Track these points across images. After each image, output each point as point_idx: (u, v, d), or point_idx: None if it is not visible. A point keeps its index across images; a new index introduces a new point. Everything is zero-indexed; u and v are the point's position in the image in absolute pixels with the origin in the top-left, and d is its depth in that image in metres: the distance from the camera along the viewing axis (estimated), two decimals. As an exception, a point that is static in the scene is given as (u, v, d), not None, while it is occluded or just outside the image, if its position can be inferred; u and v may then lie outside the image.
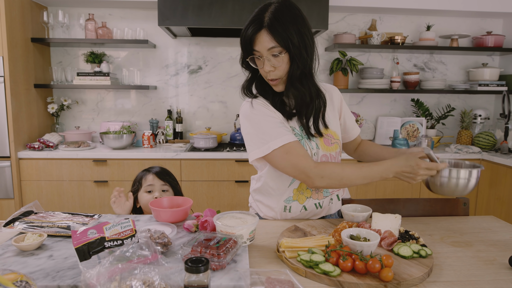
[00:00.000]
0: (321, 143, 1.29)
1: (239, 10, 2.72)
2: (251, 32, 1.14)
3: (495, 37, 3.20)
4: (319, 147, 1.28)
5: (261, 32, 1.13)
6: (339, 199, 1.39)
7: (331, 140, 1.30)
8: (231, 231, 1.02)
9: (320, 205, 1.33)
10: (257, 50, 1.16)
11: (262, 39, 1.13)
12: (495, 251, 1.08)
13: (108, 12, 3.17)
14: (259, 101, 1.26)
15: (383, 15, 3.33)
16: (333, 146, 1.31)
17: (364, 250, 0.93)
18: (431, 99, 3.49)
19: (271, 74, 1.19)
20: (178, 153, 2.78)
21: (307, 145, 1.25)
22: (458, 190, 1.17)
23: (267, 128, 1.19)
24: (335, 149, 1.32)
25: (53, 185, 2.76)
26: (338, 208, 1.40)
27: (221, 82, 3.33)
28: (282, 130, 1.19)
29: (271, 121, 1.20)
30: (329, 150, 1.30)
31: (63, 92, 3.25)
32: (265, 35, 1.13)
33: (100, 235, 0.89)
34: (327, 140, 1.30)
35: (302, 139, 1.25)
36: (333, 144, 1.31)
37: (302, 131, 1.26)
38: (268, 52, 1.15)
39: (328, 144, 1.30)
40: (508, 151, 2.91)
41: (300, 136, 1.26)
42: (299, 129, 1.27)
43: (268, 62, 1.16)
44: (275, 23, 1.12)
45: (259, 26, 1.13)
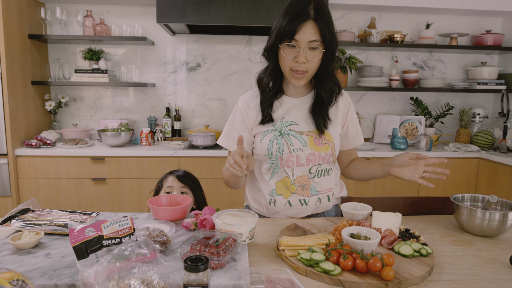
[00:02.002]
0: (310, 141, 1.30)
1: (238, 8, 2.70)
2: (297, 22, 1.14)
3: (494, 35, 3.19)
4: (308, 145, 1.29)
5: (307, 23, 1.15)
6: (329, 200, 1.37)
7: (322, 140, 1.30)
8: (230, 229, 1.01)
9: (306, 202, 1.33)
10: (297, 39, 1.16)
11: (307, 30, 1.15)
12: (495, 250, 1.07)
13: (106, 8, 3.15)
14: (245, 99, 1.36)
15: (382, 13, 3.32)
16: (323, 147, 1.30)
17: (365, 248, 0.93)
18: (430, 97, 3.48)
19: (302, 66, 1.19)
20: (177, 151, 2.77)
21: (284, 140, 1.29)
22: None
23: (228, 126, 1.38)
24: (325, 150, 1.31)
25: (50, 183, 2.75)
26: (328, 208, 1.38)
27: (220, 79, 3.32)
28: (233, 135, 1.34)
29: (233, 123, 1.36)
30: (318, 149, 1.30)
31: (60, 89, 3.23)
32: (310, 27, 1.15)
33: (98, 233, 0.88)
34: (317, 140, 1.30)
35: (280, 135, 1.30)
36: (323, 145, 1.30)
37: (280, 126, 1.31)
38: (308, 44, 1.16)
39: (317, 143, 1.30)
40: (507, 149, 2.91)
41: (278, 132, 1.30)
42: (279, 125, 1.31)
43: (303, 53, 1.17)
44: (321, 18, 1.16)
45: (306, 16, 1.15)
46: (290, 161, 1.29)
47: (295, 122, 1.31)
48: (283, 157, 1.29)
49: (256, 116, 1.32)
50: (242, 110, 1.34)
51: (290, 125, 1.30)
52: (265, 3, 2.70)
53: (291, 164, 1.30)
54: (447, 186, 2.98)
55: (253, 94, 1.35)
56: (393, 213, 1.12)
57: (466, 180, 3.00)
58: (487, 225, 1.14)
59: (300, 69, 1.20)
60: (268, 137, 1.30)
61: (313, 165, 1.31)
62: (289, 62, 1.20)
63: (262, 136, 1.31)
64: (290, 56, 1.19)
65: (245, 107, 1.34)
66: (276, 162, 1.31)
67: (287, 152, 1.29)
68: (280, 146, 1.29)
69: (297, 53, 1.17)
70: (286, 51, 1.20)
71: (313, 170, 1.31)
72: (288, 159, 1.29)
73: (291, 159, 1.29)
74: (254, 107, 1.32)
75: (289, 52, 1.19)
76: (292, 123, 1.31)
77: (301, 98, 1.34)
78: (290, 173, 1.31)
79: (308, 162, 1.30)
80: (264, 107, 1.30)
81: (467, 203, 1.29)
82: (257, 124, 1.32)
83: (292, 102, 1.33)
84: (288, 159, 1.29)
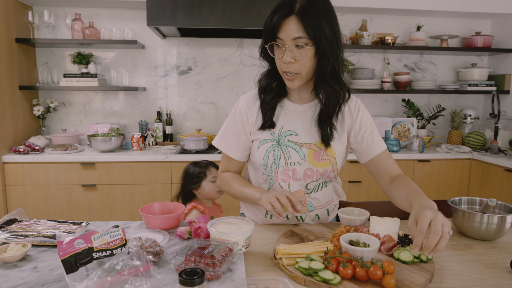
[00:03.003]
0: (309, 155, 1.20)
1: (230, 11, 2.68)
2: (278, 18, 1.04)
3: (484, 37, 3.22)
4: (306, 159, 1.20)
5: (289, 19, 1.04)
6: (328, 214, 1.32)
7: (322, 155, 1.20)
8: (226, 238, 0.98)
9: (302, 218, 1.27)
10: (281, 37, 1.05)
11: (289, 27, 1.04)
12: (495, 254, 1.06)
13: (96, 12, 3.10)
14: (246, 100, 1.26)
15: (373, 15, 3.33)
16: (324, 163, 1.20)
17: (365, 256, 0.90)
18: (421, 99, 3.49)
19: (289, 67, 1.08)
20: (168, 156, 2.73)
21: (282, 151, 1.20)
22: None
23: (226, 127, 1.29)
24: (325, 166, 1.20)
25: (39, 190, 2.68)
26: (327, 221, 1.33)
27: (212, 83, 3.29)
28: (230, 138, 1.27)
29: (232, 125, 1.27)
30: (316, 165, 1.20)
31: (49, 94, 3.16)
32: (293, 23, 1.04)
33: (88, 245, 0.84)
34: (317, 154, 1.20)
35: (277, 145, 1.21)
36: (323, 161, 1.20)
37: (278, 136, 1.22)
38: (292, 42, 1.05)
39: (317, 159, 1.20)
40: (498, 150, 2.93)
41: (276, 142, 1.21)
42: (277, 134, 1.22)
43: (289, 52, 1.06)
44: (308, 11, 1.03)
45: (289, 11, 1.03)
46: (285, 175, 1.21)
47: (295, 132, 1.20)
48: (279, 170, 1.21)
49: (256, 121, 1.23)
50: (242, 112, 1.24)
51: (289, 135, 1.20)
52: (256, 5, 2.68)
53: (286, 178, 1.22)
54: (440, 187, 2.98)
55: (255, 96, 1.25)
56: (391, 218, 1.10)
57: (459, 181, 3.01)
58: (485, 229, 1.13)
59: (288, 70, 1.09)
60: (264, 146, 1.21)
61: (310, 181, 1.23)
62: (280, 63, 1.10)
63: (259, 144, 1.22)
64: (278, 56, 1.09)
65: (246, 110, 1.24)
66: (271, 175, 1.23)
67: (284, 165, 1.20)
68: (276, 158, 1.20)
69: (284, 53, 1.07)
70: (274, 52, 1.10)
71: (310, 186, 1.24)
72: (284, 173, 1.21)
73: (287, 172, 1.21)
74: (256, 110, 1.23)
75: (276, 52, 1.10)
76: (292, 133, 1.20)
77: (304, 105, 1.22)
78: (286, 187, 1.23)
79: (305, 177, 1.22)
80: (266, 110, 1.20)
81: (464, 206, 1.28)
82: (256, 129, 1.23)
83: (294, 108, 1.22)
84: (284, 173, 1.21)
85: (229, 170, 1.34)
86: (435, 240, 0.82)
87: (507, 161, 2.64)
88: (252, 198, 1.17)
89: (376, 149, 1.22)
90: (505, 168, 2.65)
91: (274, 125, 1.21)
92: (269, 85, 1.21)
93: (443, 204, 1.40)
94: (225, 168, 1.34)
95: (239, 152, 1.28)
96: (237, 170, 1.34)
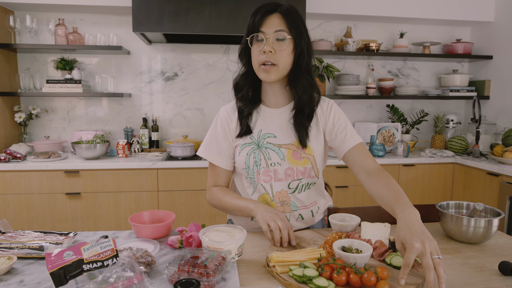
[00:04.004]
0: (289, 155, 1.25)
1: (216, 17, 2.68)
2: (262, 14, 1.16)
3: (464, 44, 3.31)
4: (286, 159, 1.25)
5: (273, 15, 1.17)
6: (313, 215, 1.34)
7: (301, 154, 1.25)
8: (218, 246, 0.97)
9: (287, 218, 1.29)
10: (263, 30, 1.16)
11: (272, 21, 1.16)
12: (483, 257, 1.08)
13: (80, 17, 3.05)
14: (226, 110, 1.33)
15: (358, 22, 3.38)
16: (302, 161, 1.25)
17: (358, 262, 0.91)
18: (405, 104, 3.56)
19: (268, 56, 1.15)
20: (155, 163, 2.69)
21: (261, 153, 1.25)
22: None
23: (209, 138, 1.33)
24: (304, 164, 1.25)
25: (21, 199, 2.61)
26: (313, 223, 1.35)
27: (198, 89, 3.27)
28: (214, 147, 1.30)
29: (214, 134, 1.32)
30: (296, 164, 1.25)
31: (31, 100, 3.09)
32: (276, 18, 1.16)
33: (78, 257, 0.82)
34: (296, 153, 1.25)
35: (257, 148, 1.26)
36: (302, 159, 1.25)
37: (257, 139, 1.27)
38: (274, 34, 1.15)
39: (296, 157, 1.25)
40: (480, 154, 3.01)
41: (256, 145, 1.27)
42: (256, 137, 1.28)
43: (269, 43, 1.15)
44: (291, 13, 1.17)
45: (273, 9, 1.17)
46: (267, 176, 1.26)
47: (273, 134, 1.27)
48: (260, 172, 1.25)
49: (236, 128, 1.29)
50: (223, 120, 1.31)
51: (268, 138, 1.26)
52: (243, 12, 2.69)
53: (268, 179, 1.26)
54: (424, 190, 3.04)
55: (234, 106, 1.33)
56: (382, 224, 1.11)
57: (443, 185, 3.07)
58: (472, 232, 1.15)
59: (267, 59, 1.15)
60: (245, 150, 1.27)
61: (291, 179, 1.27)
62: (258, 56, 1.17)
63: (240, 149, 1.28)
64: (258, 48, 1.17)
65: (227, 118, 1.31)
66: (254, 177, 1.27)
67: (264, 166, 1.25)
68: (257, 160, 1.25)
69: (265, 45, 1.15)
70: (254, 45, 1.19)
71: (292, 185, 1.27)
72: (266, 174, 1.26)
73: (269, 173, 1.26)
74: (235, 118, 1.30)
75: (257, 46, 1.18)
76: (270, 135, 1.27)
77: (280, 109, 1.29)
78: (269, 189, 1.27)
79: (287, 176, 1.26)
80: (242, 117, 1.27)
81: (452, 210, 1.30)
82: (235, 137, 1.29)
83: (270, 112, 1.29)
84: (266, 174, 1.26)
85: (218, 183, 1.35)
86: (431, 274, 0.83)
87: (489, 165, 2.70)
88: (245, 209, 1.20)
89: (349, 143, 1.26)
90: (487, 171, 2.72)
91: (251, 130, 1.27)
92: (246, 91, 1.28)
93: (431, 208, 1.43)
94: (213, 181, 1.35)
95: (225, 160, 1.31)
96: (225, 181, 1.36)
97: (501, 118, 3.23)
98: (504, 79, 3.20)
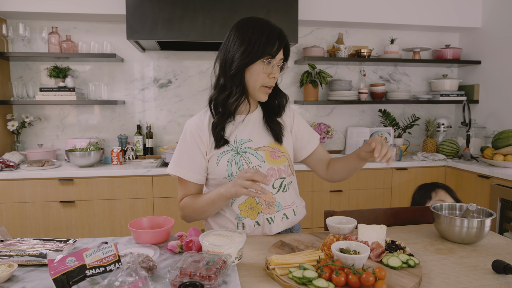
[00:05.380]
0: (267, 156, 1.30)
1: (210, 24, 2.71)
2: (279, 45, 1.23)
3: (453, 50, 3.38)
4: (265, 160, 1.30)
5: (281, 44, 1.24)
6: (295, 214, 1.36)
7: (277, 153, 1.32)
8: (219, 250, 0.98)
9: (272, 219, 1.30)
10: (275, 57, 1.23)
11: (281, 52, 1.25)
12: (476, 256, 1.11)
13: (73, 25, 3.06)
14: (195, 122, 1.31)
15: (349, 29, 3.44)
16: (281, 159, 1.32)
17: (356, 263, 0.93)
18: (397, 109, 3.61)
19: (272, 81, 1.26)
20: (149, 169, 2.69)
21: (242, 159, 1.27)
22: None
23: (179, 153, 1.30)
24: (283, 162, 1.32)
25: (14, 208, 2.59)
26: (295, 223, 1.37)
27: (192, 96, 3.29)
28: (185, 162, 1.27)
29: (185, 149, 1.29)
30: (276, 163, 1.31)
31: (24, 108, 3.08)
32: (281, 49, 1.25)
33: (80, 263, 0.83)
34: (273, 153, 1.31)
35: (237, 154, 1.28)
36: (280, 157, 1.32)
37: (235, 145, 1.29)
38: (279, 62, 1.26)
39: (274, 157, 1.31)
40: (471, 157, 3.06)
41: (235, 151, 1.28)
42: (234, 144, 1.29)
43: (277, 69, 1.26)
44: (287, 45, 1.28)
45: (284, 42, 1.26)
46: None
47: (249, 139, 1.30)
48: None
49: (209, 139, 1.28)
50: (194, 133, 1.28)
51: (245, 143, 1.30)
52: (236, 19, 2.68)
53: None
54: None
55: (200, 117, 1.32)
56: (378, 226, 1.14)
57: (435, 188, 3.10)
58: (466, 233, 1.18)
59: (271, 84, 1.26)
60: (225, 158, 1.27)
61: (275, 179, 1.30)
62: (263, 78, 1.23)
63: (218, 158, 1.27)
64: (266, 72, 1.23)
65: (197, 130, 1.28)
66: None
67: None
68: (239, 166, 1.26)
69: (272, 69, 1.23)
70: (264, 68, 1.22)
71: (276, 184, 1.31)
72: None
73: None
74: (207, 130, 1.28)
75: (265, 68, 1.22)
76: (246, 141, 1.30)
77: (250, 115, 1.34)
78: None
79: (269, 177, 1.29)
80: (217, 131, 1.26)
81: (445, 211, 1.33)
82: (212, 148, 1.28)
83: (243, 119, 1.32)
84: None
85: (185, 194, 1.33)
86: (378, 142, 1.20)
87: (479, 167, 2.75)
88: (218, 196, 1.19)
89: (314, 143, 1.44)
90: (478, 174, 2.77)
91: (227, 141, 1.28)
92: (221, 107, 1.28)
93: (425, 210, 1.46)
94: (183, 195, 1.32)
95: (197, 174, 1.29)
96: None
97: (490, 121, 3.30)
98: (492, 84, 3.27)
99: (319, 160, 1.44)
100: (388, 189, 3.04)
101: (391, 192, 3.05)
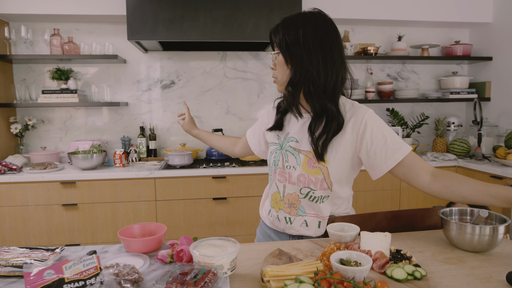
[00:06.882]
0: (304, 161, 1.25)
1: (211, 24, 2.65)
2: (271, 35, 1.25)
3: (463, 46, 3.27)
4: (301, 165, 1.25)
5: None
6: (319, 226, 1.29)
7: (314, 163, 1.23)
8: (210, 261, 0.92)
9: (291, 220, 1.30)
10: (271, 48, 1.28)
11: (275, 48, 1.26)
12: (489, 266, 1.03)
13: (75, 27, 3.04)
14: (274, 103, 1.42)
15: (355, 26, 3.36)
16: (314, 170, 1.23)
17: (357, 276, 0.86)
18: (405, 108, 3.52)
19: (273, 73, 1.27)
20: (152, 172, 2.65)
21: (281, 155, 1.30)
22: None
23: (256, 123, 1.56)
24: (316, 174, 1.23)
25: (16, 211, 2.57)
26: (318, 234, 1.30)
27: (195, 96, 3.24)
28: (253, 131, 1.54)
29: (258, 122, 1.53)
30: (308, 172, 1.24)
31: (27, 111, 3.07)
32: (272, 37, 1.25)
33: (59, 276, 0.78)
34: (310, 161, 1.23)
35: (280, 149, 1.32)
36: (314, 168, 1.23)
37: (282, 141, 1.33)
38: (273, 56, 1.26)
39: (309, 166, 1.24)
40: (483, 157, 2.95)
41: (279, 146, 1.33)
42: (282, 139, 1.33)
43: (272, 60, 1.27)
44: (279, 25, 1.22)
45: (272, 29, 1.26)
46: (282, 177, 1.30)
47: (296, 139, 1.29)
48: (277, 171, 1.31)
49: (269, 122, 1.41)
50: (270, 110, 1.45)
51: (290, 141, 1.30)
52: (238, 18, 2.67)
53: (283, 180, 1.30)
54: (427, 195, 2.98)
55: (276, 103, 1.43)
56: (382, 233, 1.06)
57: (446, 189, 3.01)
58: (477, 241, 1.10)
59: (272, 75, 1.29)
60: (271, 148, 1.36)
61: (303, 186, 1.26)
62: None
63: (269, 146, 1.38)
64: None
65: (270, 111, 1.44)
66: (271, 174, 1.35)
67: (281, 167, 1.30)
68: (276, 160, 1.31)
69: None
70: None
71: (303, 191, 1.26)
72: (281, 174, 1.30)
73: (284, 175, 1.30)
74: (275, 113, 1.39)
75: None
76: (293, 139, 1.30)
77: (305, 115, 1.29)
78: (281, 188, 1.31)
79: (299, 182, 1.26)
80: (279, 111, 1.35)
81: (455, 217, 1.25)
82: (266, 130, 1.39)
83: (299, 117, 1.29)
84: (281, 174, 1.30)
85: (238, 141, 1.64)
86: None
87: (492, 167, 2.65)
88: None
89: (393, 161, 1.17)
90: (490, 174, 2.67)
91: (280, 127, 1.33)
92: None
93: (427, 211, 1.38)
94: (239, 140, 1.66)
95: (252, 138, 1.54)
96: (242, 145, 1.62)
97: (503, 119, 3.18)
98: (505, 80, 3.16)
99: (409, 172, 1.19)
100: (396, 190, 2.95)
101: (399, 194, 2.96)
